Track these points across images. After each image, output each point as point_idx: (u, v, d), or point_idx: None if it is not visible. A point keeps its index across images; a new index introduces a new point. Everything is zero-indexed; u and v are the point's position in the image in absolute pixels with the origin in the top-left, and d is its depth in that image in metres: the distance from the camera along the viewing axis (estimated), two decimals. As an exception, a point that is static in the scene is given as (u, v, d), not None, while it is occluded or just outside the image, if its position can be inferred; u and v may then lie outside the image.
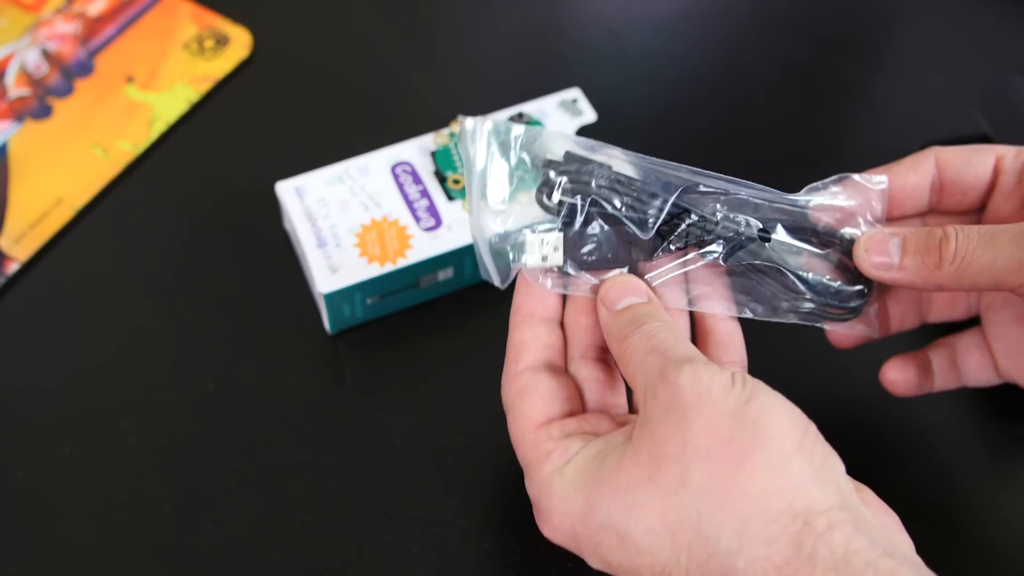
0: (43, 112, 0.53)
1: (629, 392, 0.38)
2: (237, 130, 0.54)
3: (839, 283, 0.38)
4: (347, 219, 0.46)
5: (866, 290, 0.38)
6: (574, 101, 0.50)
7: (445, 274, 0.46)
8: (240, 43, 0.56)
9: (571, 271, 0.36)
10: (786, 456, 0.30)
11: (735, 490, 0.29)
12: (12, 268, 0.48)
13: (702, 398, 0.30)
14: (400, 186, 0.47)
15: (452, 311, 0.47)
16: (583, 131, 0.49)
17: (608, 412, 0.37)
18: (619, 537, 0.31)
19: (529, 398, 0.35)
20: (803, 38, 0.59)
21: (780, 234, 0.37)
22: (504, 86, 0.55)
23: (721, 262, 0.37)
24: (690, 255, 0.37)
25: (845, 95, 0.57)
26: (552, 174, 0.36)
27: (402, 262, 0.45)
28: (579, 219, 0.36)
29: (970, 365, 0.42)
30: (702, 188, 0.37)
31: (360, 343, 0.47)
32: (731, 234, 0.36)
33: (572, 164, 0.36)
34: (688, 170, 0.37)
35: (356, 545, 0.41)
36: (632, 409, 0.38)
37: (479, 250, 0.36)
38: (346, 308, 0.45)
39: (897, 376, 0.42)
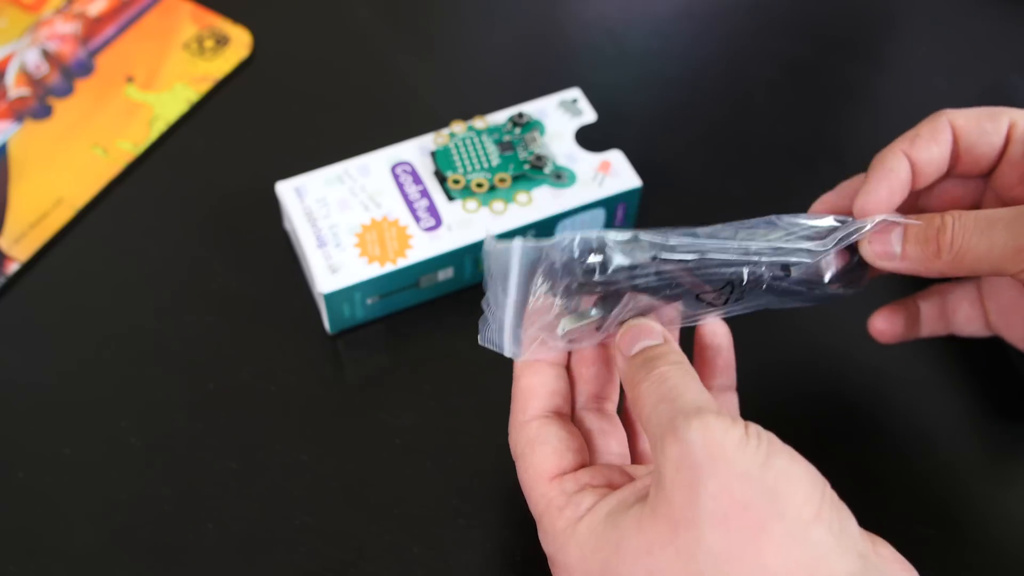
0: (43, 112, 0.53)
1: (632, 441, 0.38)
2: (237, 130, 0.54)
3: (841, 266, 0.38)
4: (347, 219, 0.46)
5: (863, 263, 0.38)
6: (574, 101, 0.50)
7: (445, 274, 0.46)
8: (240, 43, 0.56)
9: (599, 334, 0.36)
10: (805, 527, 0.29)
11: (754, 563, 0.29)
12: (12, 268, 0.48)
13: (714, 457, 0.29)
14: (400, 186, 0.47)
15: (452, 311, 0.47)
16: (583, 131, 0.49)
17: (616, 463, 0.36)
18: None
19: (540, 448, 0.34)
20: (803, 38, 0.59)
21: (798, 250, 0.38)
22: (504, 86, 0.55)
23: (747, 298, 0.37)
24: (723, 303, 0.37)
25: (845, 95, 0.57)
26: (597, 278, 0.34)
27: (402, 262, 0.45)
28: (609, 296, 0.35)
29: (960, 316, 0.43)
30: (732, 259, 0.36)
31: (360, 343, 0.47)
32: (763, 281, 0.36)
33: (617, 274, 0.35)
34: (711, 233, 0.36)
35: (356, 545, 0.41)
36: (635, 460, 0.38)
37: (507, 327, 0.35)
38: (346, 308, 0.45)
39: (884, 326, 0.43)
